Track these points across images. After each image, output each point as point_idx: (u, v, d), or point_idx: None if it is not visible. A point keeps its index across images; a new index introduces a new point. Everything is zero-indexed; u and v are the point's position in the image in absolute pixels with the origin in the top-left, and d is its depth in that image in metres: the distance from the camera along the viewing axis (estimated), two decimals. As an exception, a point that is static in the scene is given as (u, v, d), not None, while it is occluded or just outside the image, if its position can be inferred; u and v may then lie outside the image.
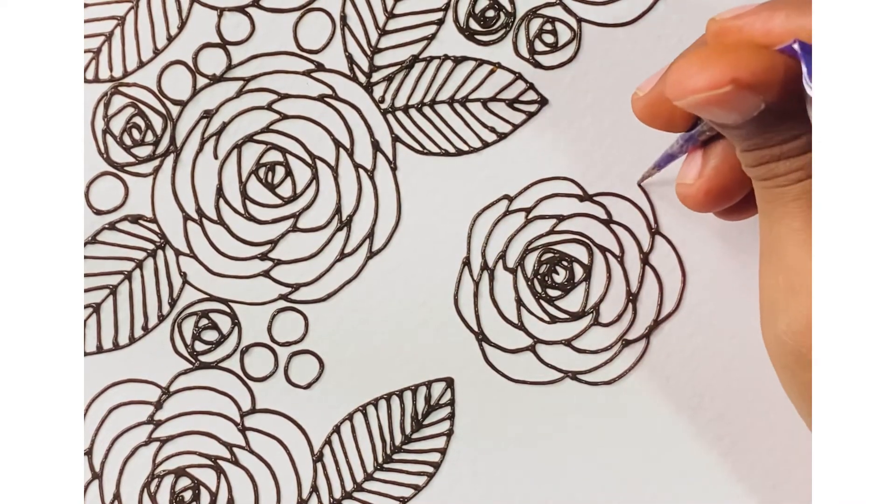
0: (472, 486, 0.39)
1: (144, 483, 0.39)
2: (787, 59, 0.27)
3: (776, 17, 0.28)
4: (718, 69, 0.27)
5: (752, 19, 0.28)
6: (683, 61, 0.27)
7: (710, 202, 0.33)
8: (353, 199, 0.39)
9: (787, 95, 0.27)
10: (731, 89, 0.27)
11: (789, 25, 0.28)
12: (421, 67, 0.39)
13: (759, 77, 0.27)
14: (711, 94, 0.27)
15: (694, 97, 0.27)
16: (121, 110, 0.39)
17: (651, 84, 0.33)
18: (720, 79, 0.27)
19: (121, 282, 0.39)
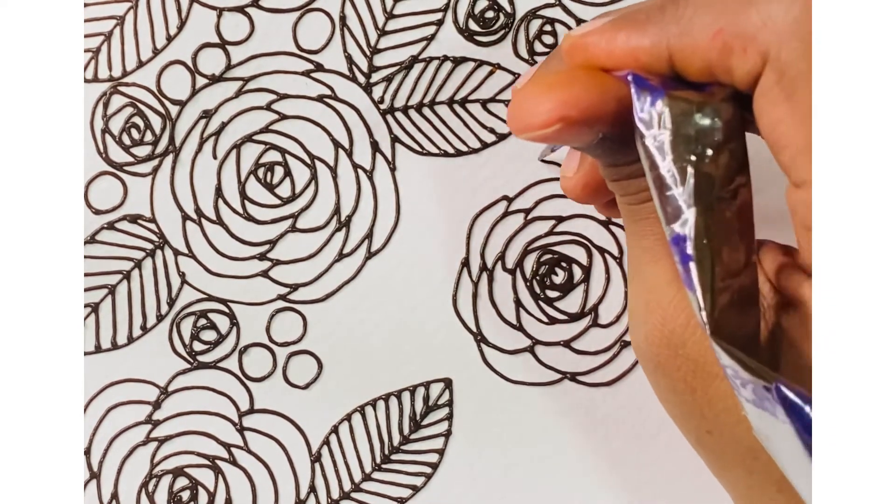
0: (471, 487, 0.39)
1: (142, 483, 0.39)
2: (623, 87, 0.27)
3: (617, 37, 0.27)
4: (548, 107, 0.26)
5: (596, 38, 0.28)
6: (520, 95, 0.27)
7: (588, 196, 0.33)
8: (352, 199, 0.39)
9: (624, 124, 0.27)
10: (560, 128, 0.26)
11: (629, 46, 0.27)
12: (420, 68, 0.39)
13: (587, 113, 0.26)
14: (542, 133, 0.27)
15: (528, 134, 0.27)
16: (120, 110, 0.39)
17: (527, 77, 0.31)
18: (548, 118, 0.26)
19: (119, 281, 0.39)
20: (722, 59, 0.26)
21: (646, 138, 0.26)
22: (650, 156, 0.26)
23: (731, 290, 0.26)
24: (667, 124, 0.26)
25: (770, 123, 0.25)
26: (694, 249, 0.25)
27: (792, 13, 0.25)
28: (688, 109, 0.26)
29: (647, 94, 0.26)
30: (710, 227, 0.26)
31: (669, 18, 0.27)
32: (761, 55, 0.25)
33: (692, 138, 0.26)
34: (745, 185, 0.26)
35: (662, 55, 0.27)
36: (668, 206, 0.26)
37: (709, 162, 0.26)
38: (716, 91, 0.26)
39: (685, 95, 0.26)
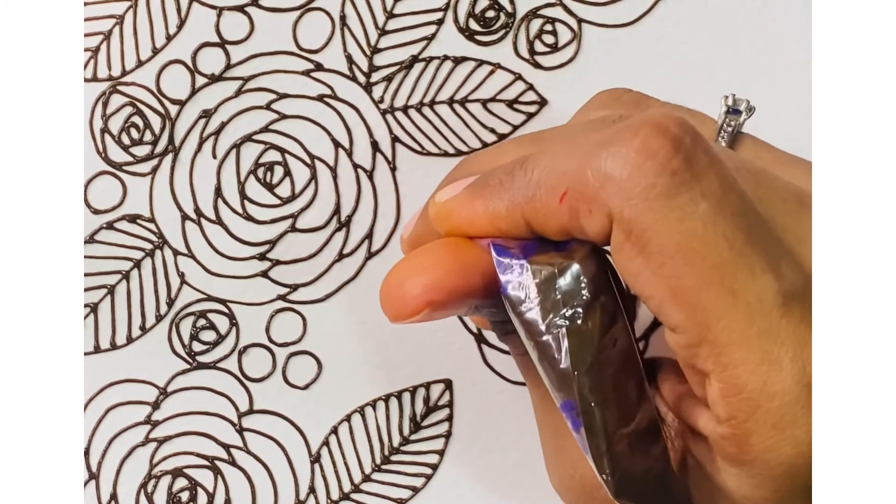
0: (470, 488, 0.39)
1: (141, 483, 0.39)
2: (485, 254, 0.27)
3: (475, 205, 0.28)
4: (412, 294, 0.27)
5: (458, 206, 0.28)
6: (386, 284, 0.28)
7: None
8: (351, 199, 0.39)
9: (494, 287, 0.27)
10: (427, 312, 0.27)
11: (487, 214, 0.27)
12: (420, 67, 0.39)
13: (453, 294, 0.27)
14: (415, 320, 0.27)
15: (402, 322, 0.27)
16: (119, 109, 0.39)
17: (411, 226, 0.32)
18: (416, 305, 0.27)
19: (118, 282, 0.39)
20: (572, 221, 0.26)
21: (516, 309, 0.26)
22: (525, 325, 0.26)
23: (628, 436, 0.26)
24: (533, 292, 0.26)
25: (630, 277, 0.25)
26: (582, 415, 0.26)
27: (626, 170, 0.24)
28: (551, 274, 0.26)
29: (510, 262, 0.26)
30: (595, 387, 0.26)
31: (519, 184, 0.27)
32: (606, 215, 0.25)
33: (560, 302, 0.26)
34: (622, 331, 0.26)
35: (519, 221, 0.27)
36: (550, 373, 0.26)
37: (581, 323, 0.26)
38: (576, 249, 0.26)
39: (546, 260, 0.26)
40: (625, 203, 0.24)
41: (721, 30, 0.39)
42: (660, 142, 0.24)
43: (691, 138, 0.25)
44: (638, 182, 0.24)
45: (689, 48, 0.39)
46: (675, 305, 0.25)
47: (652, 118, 0.25)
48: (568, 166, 0.26)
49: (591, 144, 0.25)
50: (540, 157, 0.26)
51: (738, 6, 0.39)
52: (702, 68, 0.39)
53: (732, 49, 0.39)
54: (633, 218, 0.24)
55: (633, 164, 0.24)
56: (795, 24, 0.39)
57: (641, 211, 0.24)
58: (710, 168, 0.25)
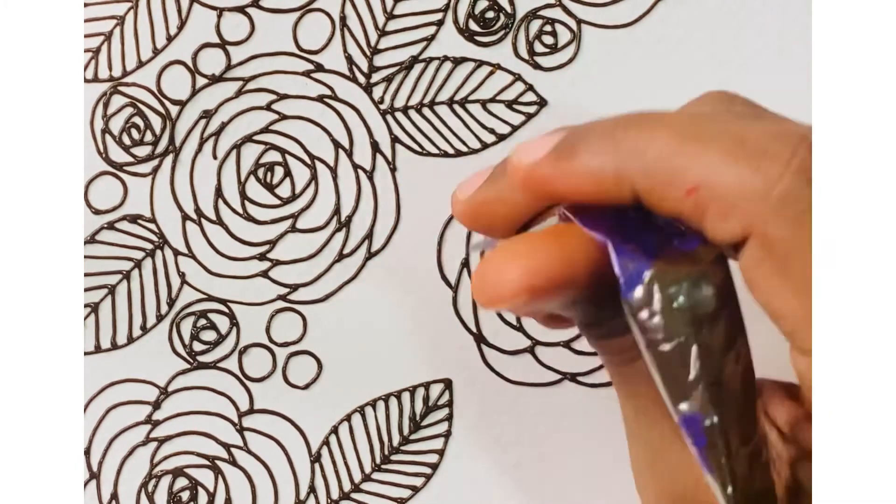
0: (470, 488, 0.39)
1: (142, 483, 0.39)
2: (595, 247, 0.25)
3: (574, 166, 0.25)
4: (513, 277, 0.25)
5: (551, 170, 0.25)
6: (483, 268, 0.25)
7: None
8: (352, 199, 0.39)
9: (599, 285, 0.25)
10: (527, 298, 0.25)
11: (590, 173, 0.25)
12: (420, 68, 0.39)
13: (556, 281, 0.25)
14: (511, 305, 0.25)
15: (497, 307, 0.25)
16: (120, 110, 0.39)
17: (471, 188, 0.29)
18: (515, 288, 0.24)
19: (119, 281, 0.39)
20: (695, 216, 0.24)
21: (638, 315, 0.24)
22: (645, 332, 0.24)
23: (748, 456, 0.25)
24: (657, 298, 0.24)
25: (765, 294, 0.24)
26: (706, 432, 0.24)
27: (779, 188, 0.23)
28: (677, 279, 0.24)
29: (630, 263, 0.24)
30: (720, 402, 0.24)
31: (627, 149, 0.24)
32: (743, 227, 0.23)
33: (687, 310, 0.24)
34: (744, 346, 0.25)
35: (626, 192, 0.25)
36: (671, 384, 0.24)
37: (707, 333, 0.24)
38: (702, 253, 0.25)
39: (672, 264, 0.24)
40: (772, 221, 0.23)
41: (721, 30, 0.39)
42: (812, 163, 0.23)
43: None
44: (792, 204, 0.23)
45: (688, 49, 0.39)
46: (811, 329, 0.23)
47: (807, 136, 0.23)
48: (702, 158, 0.23)
49: (735, 142, 0.23)
50: (658, 128, 0.24)
51: (737, 6, 0.39)
52: (701, 69, 0.39)
53: (732, 50, 0.39)
54: (778, 237, 0.23)
55: (788, 184, 0.23)
56: (795, 24, 0.39)
57: (792, 233, 0.23)
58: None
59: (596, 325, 0.28)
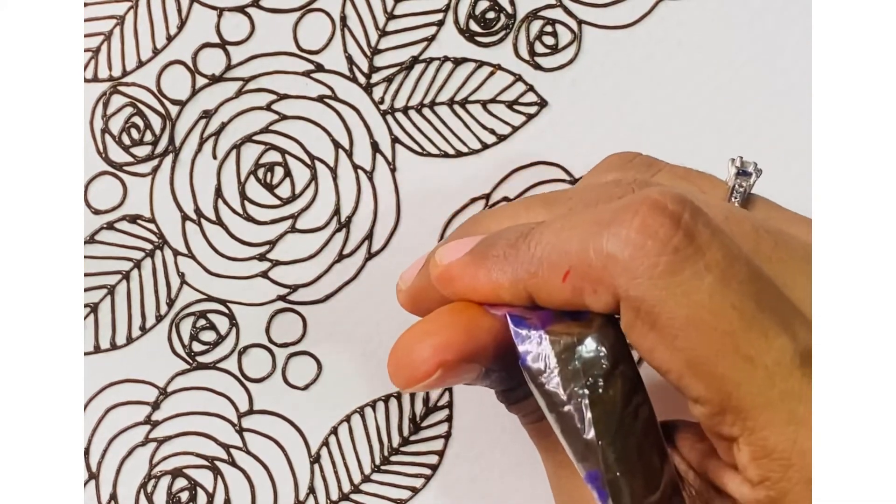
0: (470, 489, 0.39)
1: (141, 483, 0.39)
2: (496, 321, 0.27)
3: (479, 273, 0.27)
4: (424, 356, 0.27)
5: (461, 271, 0.28)
6: (395, 350, 0.27)
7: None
8: (351, 200, 0.39)
9: (504, 355, 0.27)
10: (441, 373, 0.27)
11: (490, 283, 0.27)
12: (421, 69, 0.39)
13: (464, 353, 0.27)
14: (426, 383, 0.27)
15: (416, 386, 0.27)
16: (120, 110, 0.39)
17: (412, 275, 0.31)
18: (428, 368, 0.27)
19: (119, 282, 0.39)
20: (576, 299, 0.26)
21: (536, 380, 0.26)
22: (545, 396, 0.26)
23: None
24: (552, 363, 0.26)
25: (645, 353, 0.25)
26: (608, 485, 0.25)
27: (627, 250, 0.25)
28: (570, 343, 0.26)
29: (528, 332, 0.26)
30: (620, 457, 0.25)
31: (522, 257, 0.27)
32: (612, 294, 0.25)
33: (580, 372, 0.26)
34: (643, 399, 0.26)
35: (522, 294, 0.27)
36: (573, 443, 0.26)
37: (602, 392, 0.26)
38: (593, 318, 0.26)
39: (564, 329, 0.26)
40: (630, 283, 0.25)
41: (721, 31, 0.39)
42: (659, 220, 0.24)
43: (690, 213, 0.25)
44: (641, 262, 0.24)
45: (688, 49, 0.39)
46: (693, 377, 0.25)
47: (649, 196, 0.25)
48: (570, 245, 0.26)
49: (592, 223, 0.25)
50: (543, 231, 0.27)
51: (738, 8, 0.39)
52: (701, 70, 0.39)
53: (732, 50, 0.39)
54: (640, 296, 0.25)
55: (634, 245, 0.25)
56: (795, 26, 0.39)
57: (648, 289, 0.24)
58: (713, 240, 0.25)
59: (508, 391, 0.30)
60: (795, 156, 0.39)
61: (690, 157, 0.39)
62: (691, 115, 0.39)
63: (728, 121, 0.39)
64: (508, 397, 0.30)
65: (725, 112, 0.39)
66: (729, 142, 0.39)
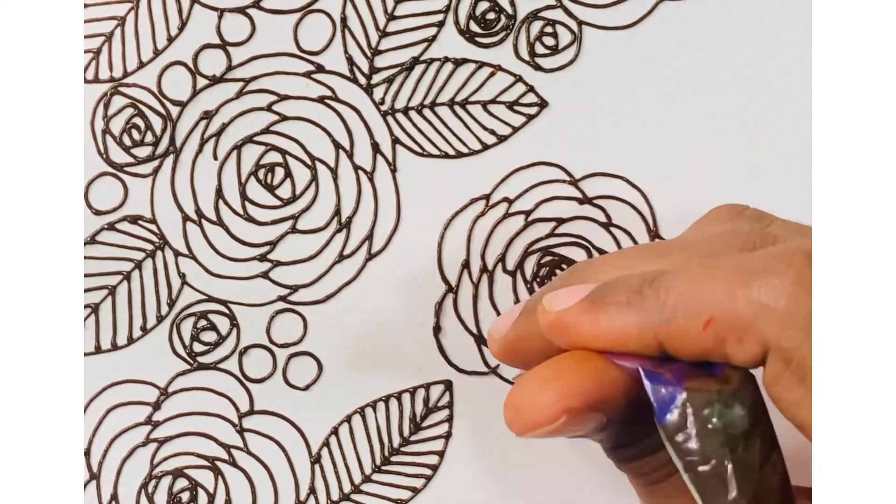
0: (471, 489, 0.39)
1: (142, 484, 0.39)
2: (623, 371, 0.26)
3: (600, 320, 0.26)
4: (548, 402, 0.26)
5: (577, 319, 0.27)
6: (515, 394, 0.26)
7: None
8: (352, 200, 0.39)
9: (629, 406, 0.26)
10: (566, 419, 0.26)
11: (613, 330, 0.26)
12: (421, 69, 0.39)
13: (590, 400, 0.26)
14: (547, 430, 0.26)
15: (534, 432, 0.26)
16: (120, 111, 0.39)
17: (506, 324, 0.30)
18: (551, 413, 0.26)
19: (119, 282, 0.39)
20: (717, 348, 0.25)
21: (672, 438, 0.25)
22: (682, 454, 0.25)
23: None
24: (691, 420, 0.25)
25: (791, 407, 0.25)
26: None
27: (783, 300, 0.24)
28: (709, 400, 0.25)
29: (663, 388, 0.25)
30: None
31: (651, 304, 0.26)
32: (760, 344, 0.25)
33: (720, 430, 0.25)
34: (779, 458, 0.26)
35: (651, 342, 0.26)
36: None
37: (742, 451, 0.25)
38: (730, 374, 0.26)
39: (703, 386, 0.25)
40: (782, 334, 0.24)
41: (721, 32, 0.39)
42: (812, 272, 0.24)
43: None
44: (797, 313, 0.24)
45: (689, 50, 0.39)
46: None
47: (802, 248, 0.25)
48: (713, 294, 0.25)
49: (738, 271, 0.25)
50: (676, 278, 0.26)
51: (738, 8, 0.39)
52: (702, 70, 0.39)
53: (733, 51, 0.39)
54: (793, 348, 0.24)
55: (789, 295, 0.24)
56: (795, 26, 0.39)
57: (802, 341, 0.24)
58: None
59: (623, 448, 0.28)
60: (795, 156, 0.39)
61: (691, 157, 0.39)
62: (691, 116, 0.39)
63: (728, 121, 0.39)
64: (621, 454, 0.29)
65: (725, 112, 0.39)
66: (729, 142, 0.39)
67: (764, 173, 0.39)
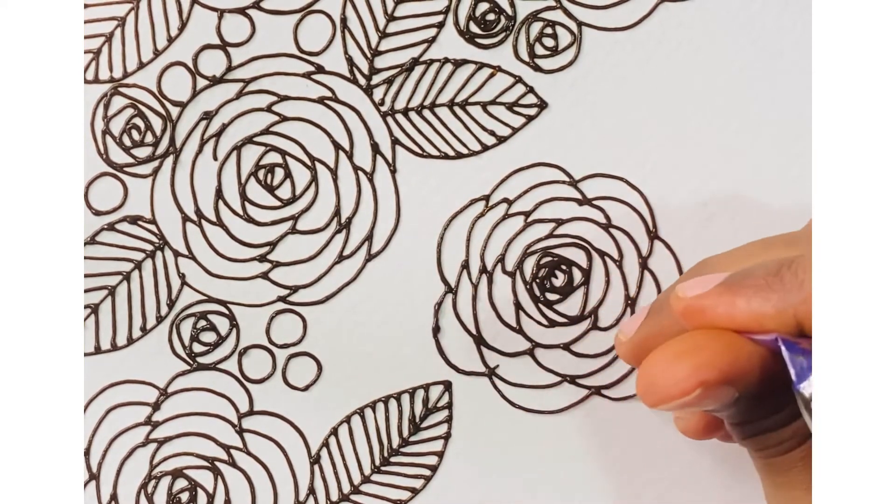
0: (470, 490, 0.39)
1: (141, 484, 0.39)
2: (758, 346, 0.27)
3: (737, 302, 0.27)
4: (684, 374, 0.26)
5: (713, 302, 0.28)
6: (650, 369, 0.27)
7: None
8: (352, 201, 0.39)
9: (762, 381, 0.27)
10: (701, 392, 0.26)
11: (751, 312, 0.27)
12: (421, 70, 0.39)
13: (725, 374, 0.26)
14: (682, 401, 0.26)
15: (667, 404, 0.27)
16: (120, 111, 0.39)
17: (633, 327, 0.32)
18: (687, 385, 0.26)
19: (119, 283, 0.39)
20: None
21: (810, 406, 0.25)
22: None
23: None
24: None
25: None
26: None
27: None
28: None
29: (801, 357, 0.26)
30: None
31: (790, 285, 0.27)
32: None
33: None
34: None
35: (790, 321, 0.27)
36: None
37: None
38: None
39: None
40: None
41: (721, 33, 0.39)
42: None
43: None
44: None
45: (688, 51, 0.39)
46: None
47: None
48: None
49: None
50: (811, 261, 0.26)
51: (737, 9, 0.39)
52: (702, 71, 0.39)
53: (732, 52, 0.39)
54: None
55: None
56: (795, 27, 0.39)
57: None
58: None
59: (748, 424, 0.29)
60: (795, 156, 0.39)
61: (690, 158, 0.39)
62: (691, 117, 0.39)
63: (728, 122, 0.39)
64: (744, 430, 0.29)
65: (725, 113, 0.39)
66: (729, 143, 0.39)
67: (764, 174, 0.39)
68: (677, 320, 0.29)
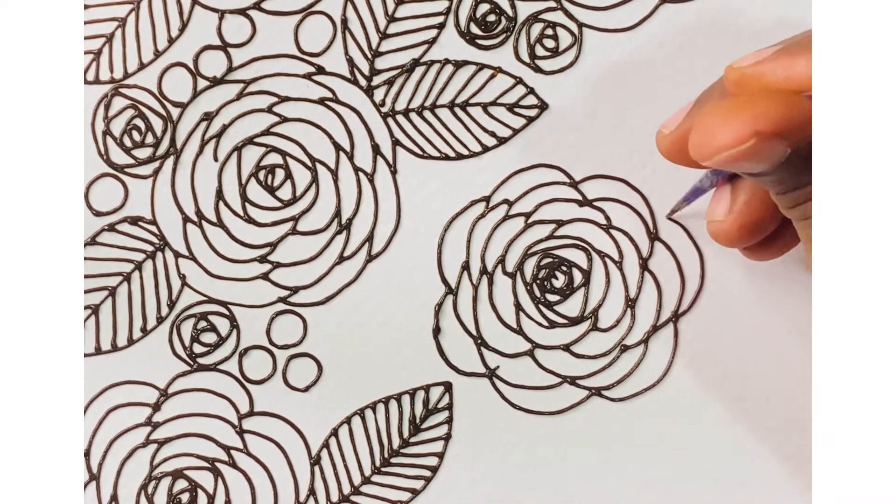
0: (470, 490, 0.39)
1: (142, 485, 0.39)
2: (809, 102, 0.27)
3: (797, 63, 0.28)
4: (740, 124, 0.26)
5: (772, 66, 0.28)
6: (704, 121, 0.27)
7: (744, 237, 0.33)
8: (352, 202, 0.39)
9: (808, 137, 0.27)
10: (755, 142, 0.26)
11: (810, 70, 0.27)
12: (422, 71, 0.39)
13: (781, 125, 0.26)
14: (737, 151, 0.27)
15: (720, 156, 0.27)
16: (121, 112, 0.39)
17: (676, 121, 0.32)
18: (742, 133, 0.26)
19: (120, 283, 0.39)
20: None
21: None
22: None
23: None
24: None
25: None
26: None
27: None
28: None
29: None
30: None
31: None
32: None
33: None
34: None
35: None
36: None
37: None
38: None
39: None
40: None
41: (721, 34, 0.39)
42: None
43: None
44: None
45: (689, 52, 0.39)
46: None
47: None
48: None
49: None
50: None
51: (737, 10, 0.39)
52: (702, 72, 0.39)
53: (732, 53, 0.39)
54: None
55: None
56: (795, 29, 0.39)
57: None
58: None
59: (797, 190, 0.29)
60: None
61: (691, 159, 0.39)
62: (692, 118, 0.39)
63: (728, 124, 0.39)
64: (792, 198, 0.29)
65: (726, 115, 0.39)
66: (729, 145, 0.39)
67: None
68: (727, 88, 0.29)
